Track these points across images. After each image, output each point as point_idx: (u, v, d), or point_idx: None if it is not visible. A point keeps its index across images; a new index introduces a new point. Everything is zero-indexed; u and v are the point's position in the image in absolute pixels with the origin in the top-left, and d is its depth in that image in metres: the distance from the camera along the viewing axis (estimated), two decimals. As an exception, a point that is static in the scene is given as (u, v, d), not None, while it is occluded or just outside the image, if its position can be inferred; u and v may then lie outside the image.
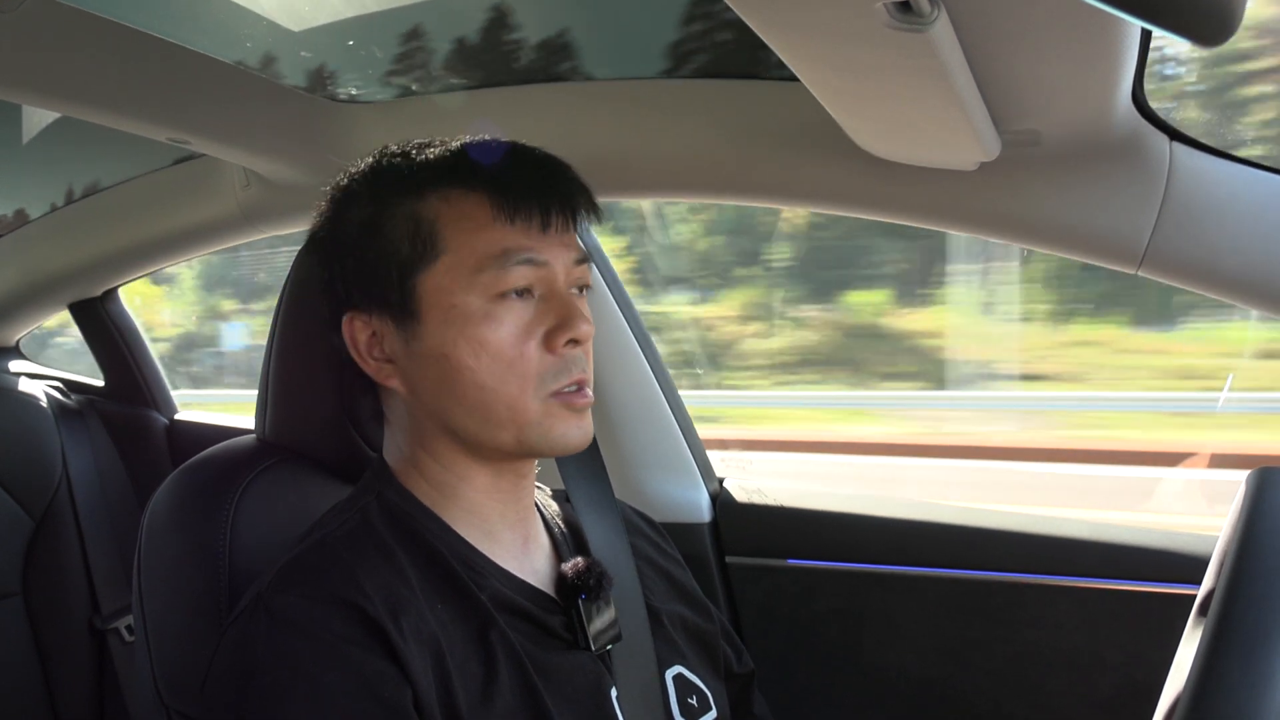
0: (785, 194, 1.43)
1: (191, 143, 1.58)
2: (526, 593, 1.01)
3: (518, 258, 0.94)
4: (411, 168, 0.99)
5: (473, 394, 0.95)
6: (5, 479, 2.15)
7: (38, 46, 1.28)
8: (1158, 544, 1.46)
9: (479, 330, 0.94)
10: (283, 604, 0.87)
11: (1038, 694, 1.50)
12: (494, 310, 0.94)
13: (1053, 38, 0.88)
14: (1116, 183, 1.18)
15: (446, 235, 0.95)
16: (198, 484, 1.14)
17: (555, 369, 0.95)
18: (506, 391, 0.94)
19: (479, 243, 0.94)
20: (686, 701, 1.10)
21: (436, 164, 0.99)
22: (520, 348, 0.94)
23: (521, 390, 0.94)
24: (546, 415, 0.95)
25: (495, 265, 0.94)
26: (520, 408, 0.95)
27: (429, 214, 0.96)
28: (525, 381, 0.94)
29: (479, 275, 0.94)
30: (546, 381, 0.95)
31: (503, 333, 0.94)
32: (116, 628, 2.21)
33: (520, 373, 0.94)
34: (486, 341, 0.94)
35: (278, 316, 1.17)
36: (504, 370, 0.94)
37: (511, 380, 0.94)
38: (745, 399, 7.10)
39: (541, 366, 0.95)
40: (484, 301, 0.94)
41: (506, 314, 0.94)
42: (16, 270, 2.35)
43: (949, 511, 1.61)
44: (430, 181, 0.97)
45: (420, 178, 0.98)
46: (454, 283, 0.94)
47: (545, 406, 0.95)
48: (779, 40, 0.87)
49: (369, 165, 1.02)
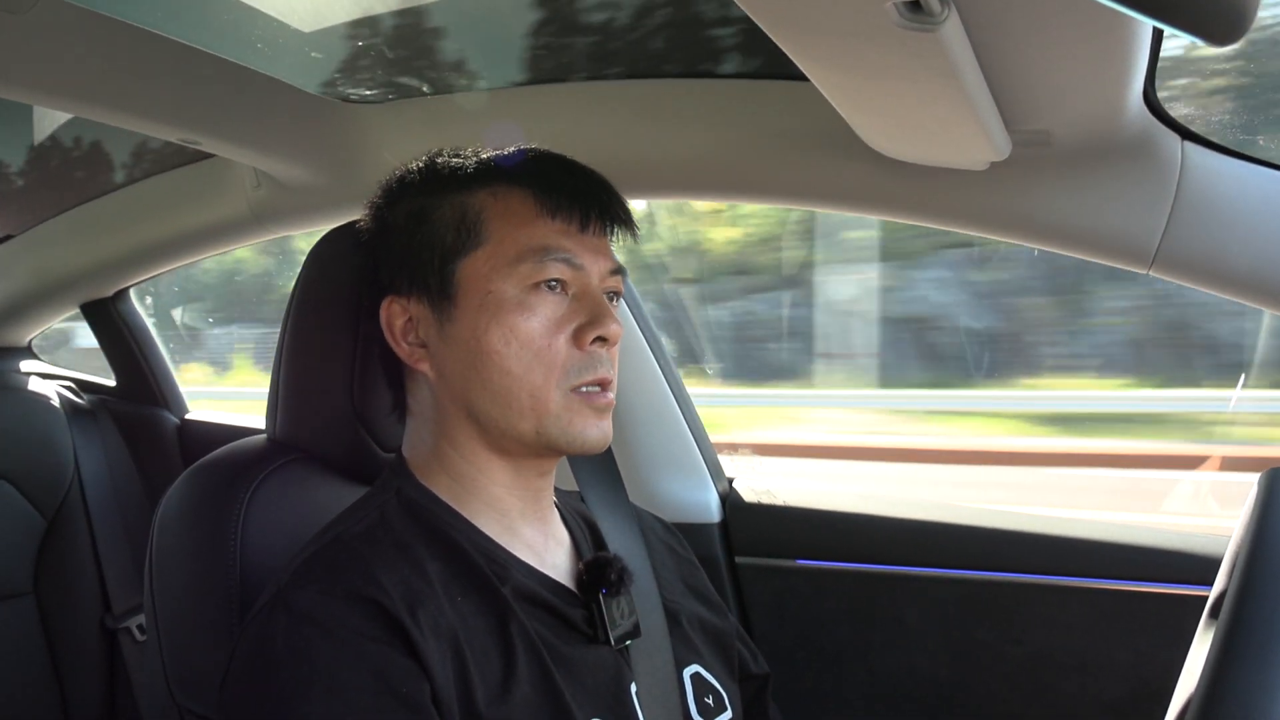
0: (795, 194, 1.43)
1: (202, 143, 1.59)
2: (548, 585, 1.01)
3: (556, 255, 0.98)
4: (464, 165, 1.03)
5: (498, 379, 0.97)
6: (17, 478, 2.16)
7: (50, 48, 1.29)
8: (1169, 545, 1.45)
9: (511, 317, 0.96)
10: (302, 600, 0.87)
11: (1048, 695, 1.50)
12: (528, 300, 0.97)
13: (1064, 37, 0.88)
14: (1128, 182, 1.17)
15: (490, 226, 0.99)
16: (209, 484, 1.15)
17: (580, 364, 0.98)
18: (531, 379, 0.96)
19: (521, 235, 0.98)
20: (703, 701, 1.10)
21: (487, 162, 1.03)
22: (549, 339, 0.97)
23: (546, 380, 0.97)
24: (567, 409, 0.97)
25: (534, 258, 0.97)
26: (542, 397, 0.97)
27: (475, 206, 1.00)
28: (550, 372, 0.97)
29: (517, 265, 0.97)
30: (570, 375, 0.97)
31: (534, 322, 0.97)
32: (128, 626, 2.22)
33: (546, 362, 0.97)
34: (517, 328, 0.96)
35: (288, 318, 1.18)
36: (531, 358, 0.96)
37: (537, 369, 0.96)
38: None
39: (568, 360, 0.97)
40: (519, 291, 0.97)
41: (539, 304, 0.97)
42: (28, 270, 2.36)
43: (959, 512, 1.61)
44: (480, 178, 1.02)
45: (472, 174, 1.02)
46: (493, 270, 0.98)
47: (567, 400, 0.97)
48: (789, 40, 0.87)
49: (424, 162, 1.06)
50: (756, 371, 6.78)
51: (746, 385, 6.79)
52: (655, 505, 1.69)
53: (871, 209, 1.37)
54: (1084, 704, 1.47)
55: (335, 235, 1.18)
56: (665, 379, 1.81)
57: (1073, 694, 1.48)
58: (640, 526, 1.20)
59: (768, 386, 6.86)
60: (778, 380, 6.78)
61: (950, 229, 1.33)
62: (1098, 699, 1.46)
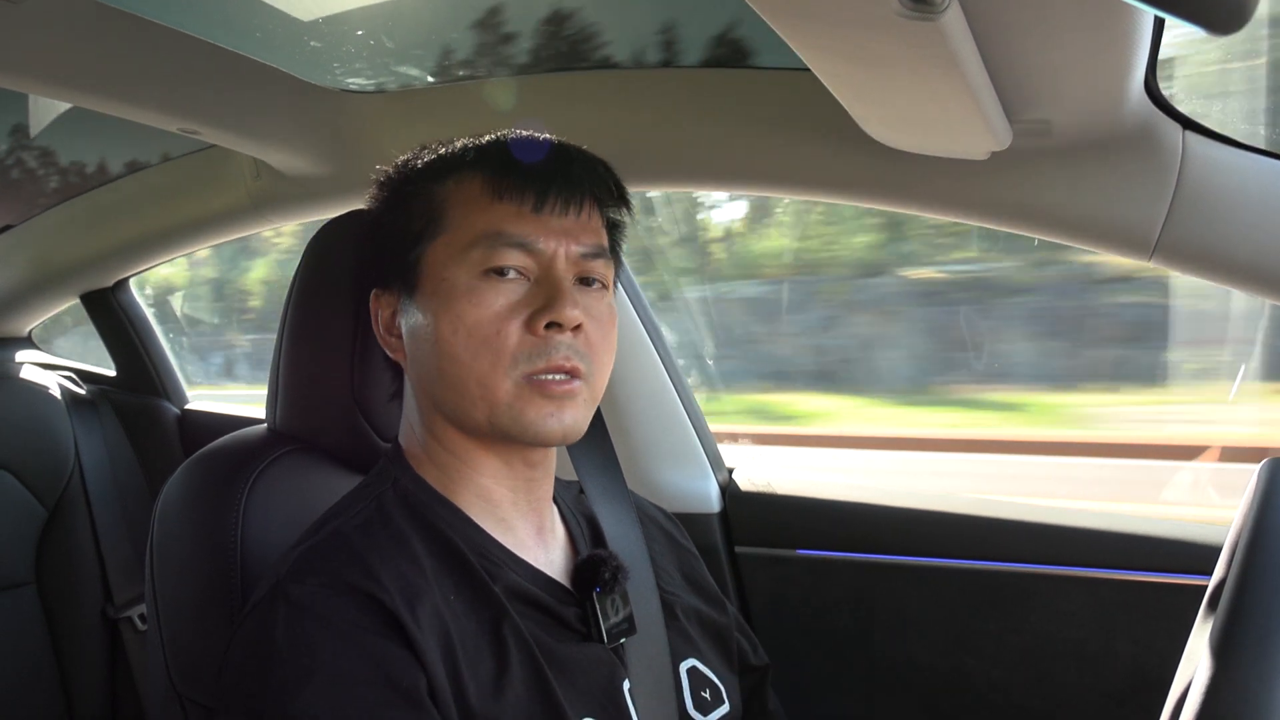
0: (794, 183, 1.43)
1: (202, 133, 1.59)
2: (541, 583, 1.01)
3: (507, 239, 0.95)
4: (439, 156, 1.02)
5: (448, 367, 0.96)
6: (18, 469, 2.16)
7: (49, 37, 1.29)
8: (1168, 534, 1.45)
9: (459, 304, 0.95)
10: (300, 592, 0.87)
11: (1048, 684, 1.50)
12: (478, 287, 0.95)
13: (1064, 26, 0.88)
14: (1129, 172, 1.17)
15: (450, 214, 0.98)
16: (209, 473, 1.15)
17: (532, 351, 0.94)
18: (478, 367, 0.94)
19: (476, 221, 0.96)
20: (700, 694, 1.10)
21: (459, 151, 1.02)
22: (499, 325, 0.94)
23: (493, 367, 0.94)
24: (518, 398, 0.94)
25: (485, 244, 0.95)
26: (490, 385, 0.94)
27: (442, 194, 1.00)
28: (498, 359, 0.93)
29: (469, 252, 0.95)
30: (520, 362, 0.94)
31: (482, 310, 0.94)
32: (129, 616, 2.22)
33: (495, 349, 0.93)
34: (464, 315, 0.94)
35: (288, 308, 1.18)
36: (478, 346, 0.94)
37: (484, 356, 0.94)
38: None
39: (519, 347, 0.94)
40: (470, 277, 0.95)
41: (489, 291, 0.95)
42: (28, 261, 2.36)
43: (960, 502, 1.61)
44: (451, 167, 1.01)
45: (444, 164, 1.01)
46: (448, 257, 0.97)
47: (518, 388, 0.94)
48: (790, 29, 0.87)
49: (409, 155, 1.06)
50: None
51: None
52: (655, 495, 1.69)
53: (872, 199, 1.36)
54: (1083, 692, 1.48)
55: (334, 225, 1.18)
56: (665, 368, 1.81)
57: (1072, 682, 1.49)
58: (640, 516, 1.19)
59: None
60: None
61: (950, 218, 1.33)
62: (1097, 687, 1.47)
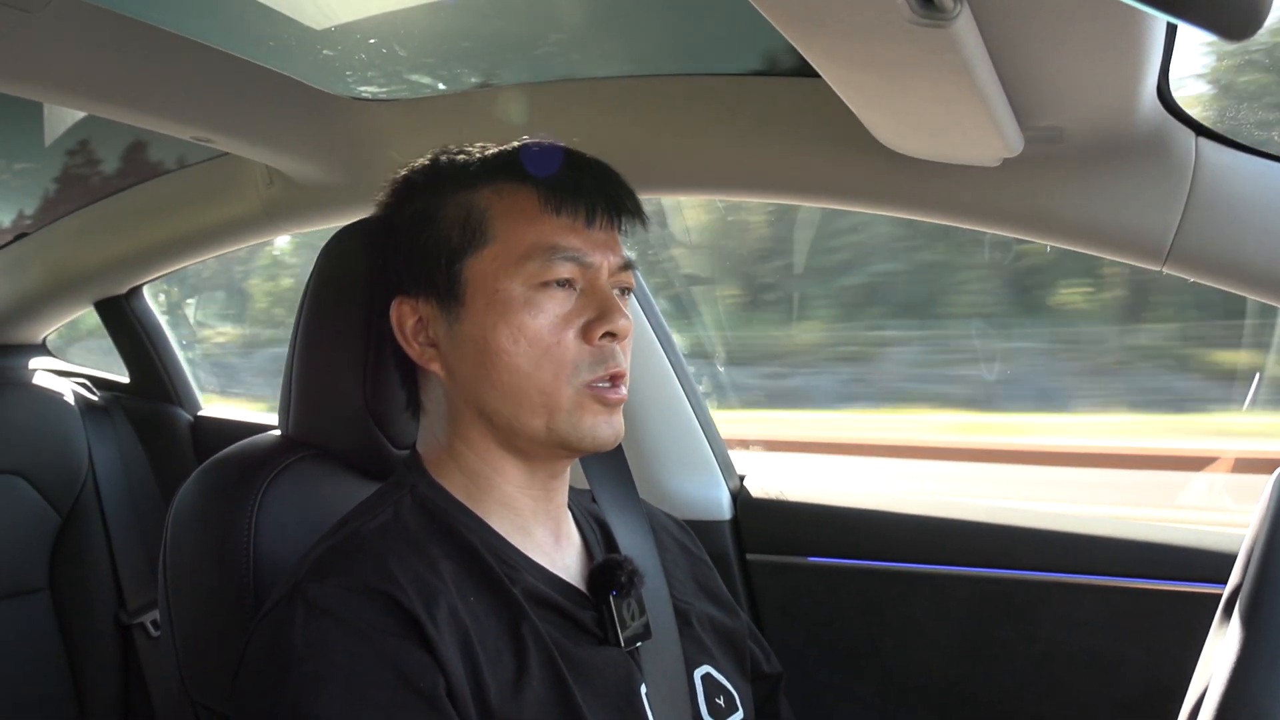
0: (806, 191, 1.42)
1: (215, 141, 1.60)
2: (559, 587, 1.01)
3: (563, 253, 0.97)
4: (468, 163, 1.03)
5: (508, 378, 0.97)
6: (32, 475, 2.17)
7: (64, 46, 1.29)
8: (1182, 542, 1.44)
9: (519, 316, 0.96)
10: (319, 593, 0.88)
11: (1061, 693, 1.50)
12: (535, 298, 0.97)
13: (1077, 33, 0.88)
14: (1141, 179, 1.17)
15: (496, 225, 0.99)
16: (222, 480, 1.15)
17: (591, 360, 0.97)
18: (541, 377, 0.96)
19: (527, 234, 0.98)
20: (714, 701, 1.10)
21: (491, 160, 1.02)
22: (558, 335, 0.96)
23: (556, 376, 0.96)
24: (578, 406, 0.97)
25: (541, 256, 0.97)
26: (553, 393, 0.96)
27: (480, 204, 1.00)
28: (560, 368, 0.96)
29: (524, 264, 0.97)
30: (581, 371, 0.97)
31: (542, 320, 0.96)
32: (142, 622, 2.23)
33: (556, 359, 0.96)
34: (525, 327, 0.96)
35: (301, 314, 1.18)
36: (540, 356, 0.96)
37: (547, 366, 0.96)
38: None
39: (578, 356, 0.97)
40: (526, 289, 0.97)
41: (547, 302, 0.97)
42: (43, 268, 2.37)
43: (972, 509, 1.61)
44: (484, 175, 1.01)
45: (475, 172, 1.02)
46: (500, 269, 0.97)
47: (578, 396, 0.97)
48: (801, 36, 0.87)
49: (428, 160, 1.06)
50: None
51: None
52: (666, 502, 1.69)
53: (883, 206, 1.36)
54: (1097, 701, 1.47)
55: (348, 233, 1.18)
56: (676, 375, 1.81)
57: (1086, 691, 1.48)
58: (652, 525, 1.20)
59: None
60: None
61: (961, 225, 1.32)
62: (1111, 696, 1.46)
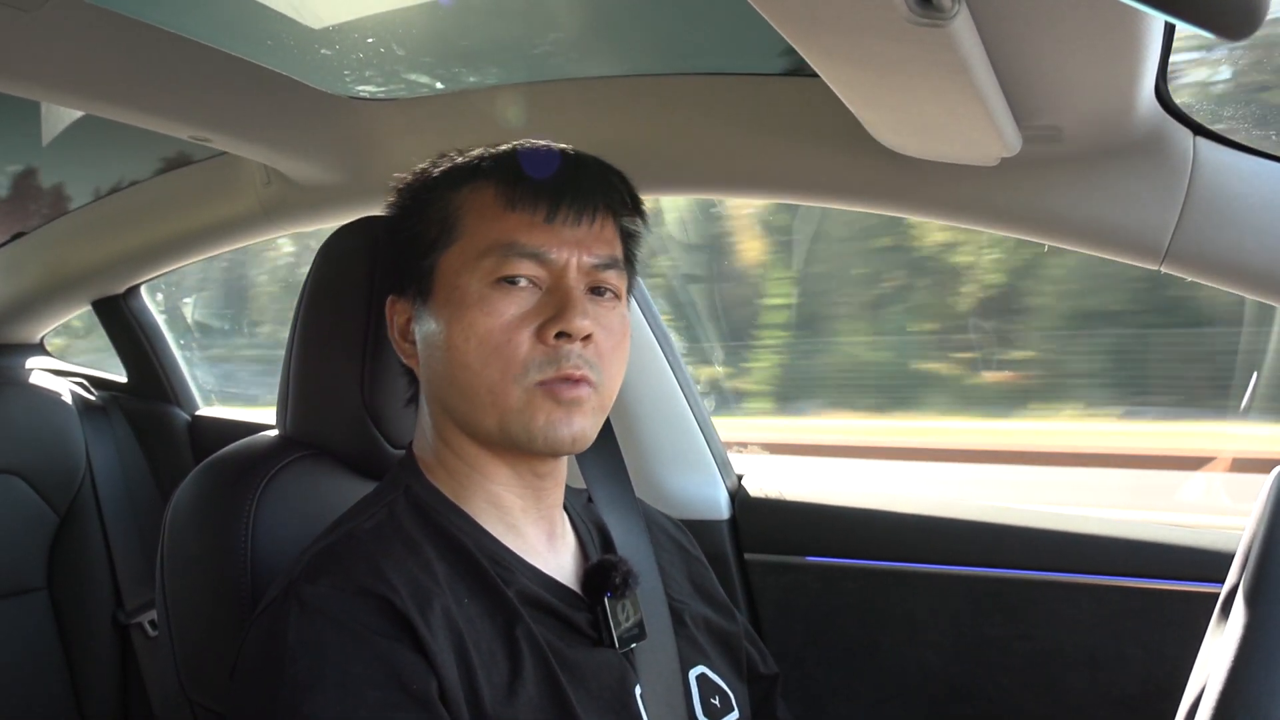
0: (804, 190, 1.43)
1: (213, 140, 1.60)
2: (552, 589, 1.01)
3: (520, 250, 0.96)
4: (455, 164, 1.03)
5: (459, 375, 0.96)
6: (30, 475, 2.17)
7: (61, 45, 1.29)
8: (1179, 541, 1.45)
9: (470, 312, 0.96)
10: (313, 594, 0.88)
11: (1058, 692, 1.50)
12: (489, 295, 0.96)
13: (1075, 32, 0.88)
14: (1139, 178, 1.17)
15: (465, 222, 0.99)
16: (220, 479, 1.15)
17: (542, 359, 0.95)
18: (489, 375, 0.95)
19: (491, 230, 0.97)
20: (709, 702, 1.10)
21: (474, 160, 1.03)
22: (510, 334, 0.95)
23: (504, 375, 0.95)
24: (528, 405, 0.95)
25: (498, 253, 0.96)
26: (501, 392, 0.95)
27: (457, 202, 1.00)
28: (509, 367, 0.94)
29: (483, 260, 0.96)
30: (530, 371, 0.94)
31: (493, 318, 0.95)
32: (140, 622, 2.23)
33: (505, 358, 0.95)
34: (475, 324, 0.95)
35: (299, 313, 1.18)
36: (489, 354, 0.95)
37: (495, 364, 0.95)
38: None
39: (529, 355, 0.95)
40: (482, 286, 0.96)
41: (501, 300, 0.96)
42: (40, 268, 2.37)
43: (969, 509, 1.61)
44: (467, 176, 1.01)
45: (459, 172, 1.02)
46: (462, 265, 0.97)
47: (528, 395, 0.95)
48: (799, 35, 0.87)
49: (428, 162, 1.07)
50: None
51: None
52: (664, 502, 1.69)
53: (881, 205, 1.36)
54: (1094, 700, 1.47)
55: (346, 231, 1.18)
56: (674, 375, 1.81)
57: (1083, 690, 1.48)
58: (649, 524, 1.20)
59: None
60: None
61: (960, 225, 1.33)
62: (1108, 695, 1.46)
